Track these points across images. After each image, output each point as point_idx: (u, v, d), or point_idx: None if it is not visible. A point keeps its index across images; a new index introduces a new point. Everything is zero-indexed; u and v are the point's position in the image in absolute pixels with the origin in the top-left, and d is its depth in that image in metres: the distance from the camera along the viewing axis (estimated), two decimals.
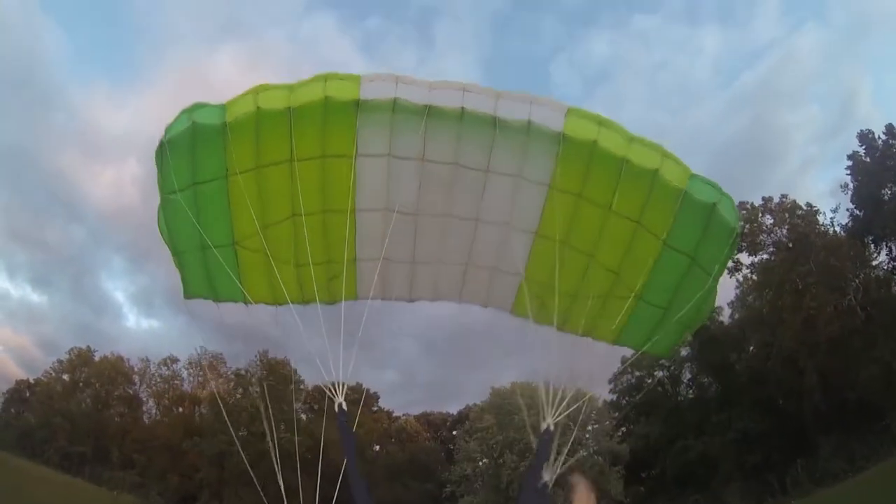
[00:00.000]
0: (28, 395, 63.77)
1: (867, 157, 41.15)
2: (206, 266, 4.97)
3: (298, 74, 4.99)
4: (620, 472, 48.87)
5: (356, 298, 5.41)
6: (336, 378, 4.23)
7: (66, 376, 63.68)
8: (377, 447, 69.61)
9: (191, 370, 65.28)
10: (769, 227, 43.42)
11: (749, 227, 42.07)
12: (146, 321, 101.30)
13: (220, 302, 5.41)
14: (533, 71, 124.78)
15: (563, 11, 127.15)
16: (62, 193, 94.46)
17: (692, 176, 4.51)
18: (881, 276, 39.40)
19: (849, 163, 42.02)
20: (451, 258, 5.28)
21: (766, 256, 43.43)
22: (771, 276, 41.41)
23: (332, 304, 5.39)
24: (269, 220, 4.89)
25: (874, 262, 40.42)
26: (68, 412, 58.00)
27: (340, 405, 3.24)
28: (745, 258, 43.89)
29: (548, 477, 3.61)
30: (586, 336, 5.20)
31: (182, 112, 4.57)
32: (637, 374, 51.80)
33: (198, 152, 4.60)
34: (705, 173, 4.95)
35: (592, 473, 48.20)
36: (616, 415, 47.35)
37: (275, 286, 5.18)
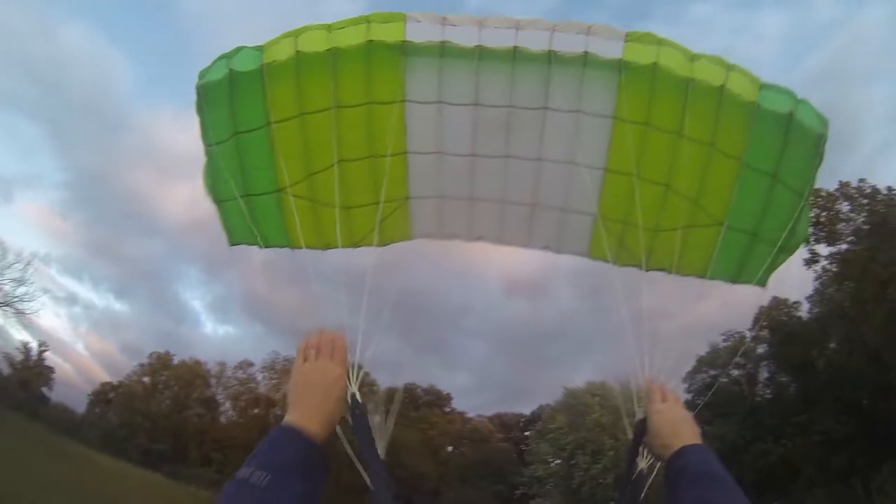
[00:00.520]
0: (111, 396, 67.50)
1: None
2: (251, 213, 4.83)
3: None
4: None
5: (410, 238, 5.23)
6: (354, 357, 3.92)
7: (146, 379, 67.25)
8: (450, 448, 70.23)
9: (265, 373, 67.89)
10: (847, 215, 40.93)
11: (826, 216, 39.91)
12: (222, 328, 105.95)
13: (267, 247, 5.34)
14: None
15: (617, 7, 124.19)
16: (139, 210, 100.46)
17: (763, 86, 4.15)
18: None
19: None
20: (515, 197, 5.03)
21: (845, 246, 41.00)
22: (851, 267, 39.10)
23: (384, 246, 5.27)
24: (315, 167, 4.76)
25: None
26: (148, 412, 61.25)
27: (353, 396, 2.80)
28: (822, 249, 41.63)
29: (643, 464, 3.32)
30: (673, 272, 4.89)
31: (219, 57, 4.42)
32: (712, 372, 50.10)
33: (237, 100, 4.46)
34: None
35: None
36: (692, 414, 45.83)
37: (322, 231, 5.06)
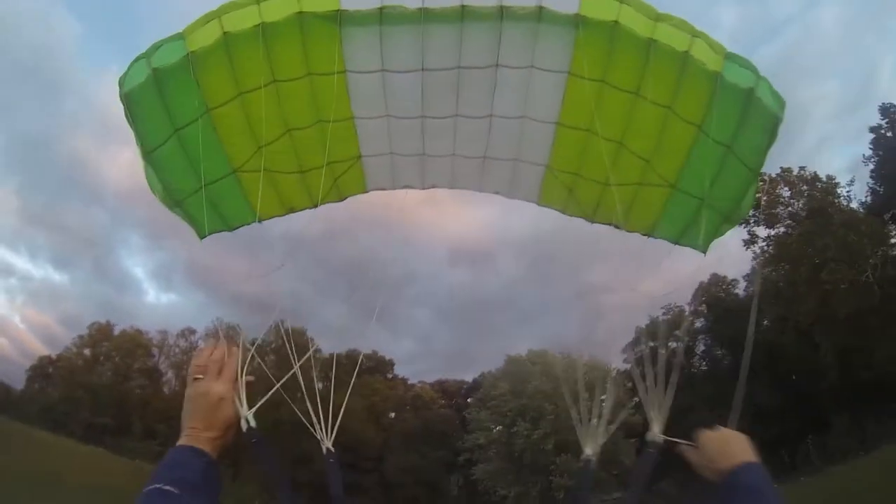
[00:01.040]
0: (51, 370, 65.32)
1: (889, 132, 40.23)
2: (210, 202, 4.77)
3: None
4: (635, 444, 49.23)
5: (365, 191, 5.23)
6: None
7: (87, 351, 65.22)
8: (392, 414, 70.64)
9: (208, 341, 66.21)
10: (787, 200, 42.65)
11: (766, 200, 41.47)
12: (165, 295, 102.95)
13: (234, 229, 5.26)
14: None
15: None
16: (79, 176, 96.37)
17: (728, 55, 4.11)
18: None
19: (871, 135, 41.12)
20: (466, 152, 5.01)
21: (782, 230, 42.85)
22: (787, 250, 40.92)
23: (342, 200, 5.20)
24: (264, 140, 4.67)
25: (893, 239, 39.55)
26: (90, 385, 59.52)
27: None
28: (761, 231, 43.38)
29: (591, 451, 3.39)
30: (619, 227, 4.97)
31: (136, 59, 4.18)
32: (651, 344, 51.62)
33: (168, 97, 4.26)
34: None
35: (606, 443, 48.57)
36: (629, 385, 47.36)
37: (283, 197, 5.09)
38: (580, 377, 3.44)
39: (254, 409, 2.23)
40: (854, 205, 41.60)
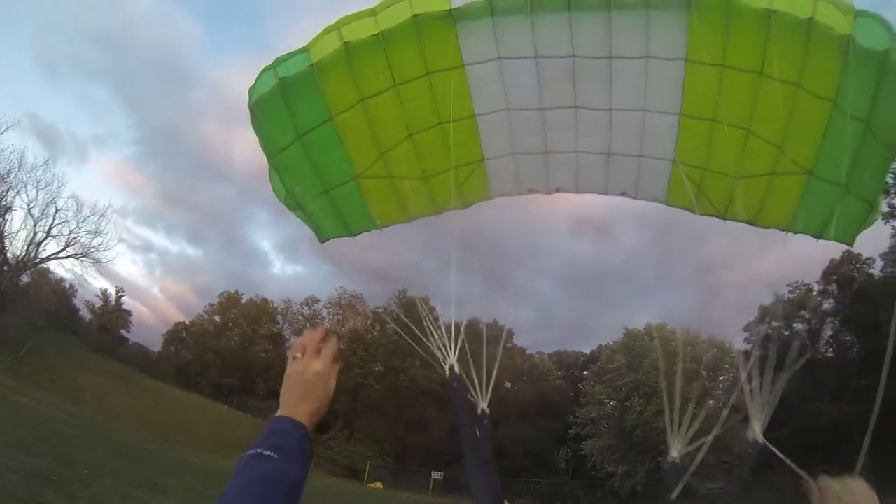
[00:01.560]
0: (184, 335, 72.01)
1: None
2: (333, 207, 4.94)
3: None
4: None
5: (489, 198, 5.20)
6: (449, 327, 4.00)
7: (217, 318, 71.18)
8: (508, 384, 70.13)
9: (330, 309, 70.12)
10: None
11: None
12: (291, 267, 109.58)
13: (355, 236, 5.47)
14: None
15: None
16: (209, 159, 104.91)
17: (858, 14, 3.64)
18: None
19: None
20: (588, 147, 4.89)
21: None
22: None
23: (465, 208, 5.33)
24: (387, 145, 4.78)
25: None
26: (219, 349, 65.20)
27: (451, 368, 2.88)
28: None
29: (676, 454, 3.31)
30: (754, 223, 4.69)
31: (264, 70, 4.46)
32: (774, 324, 48.32)
33: (293, 105, 4.49)
34: None
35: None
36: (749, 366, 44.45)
37: (405, 204, 5.09)
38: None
39: (454, 358, 2.46)
40: None
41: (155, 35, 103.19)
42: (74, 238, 46.59)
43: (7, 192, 43.60)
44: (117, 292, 66.93)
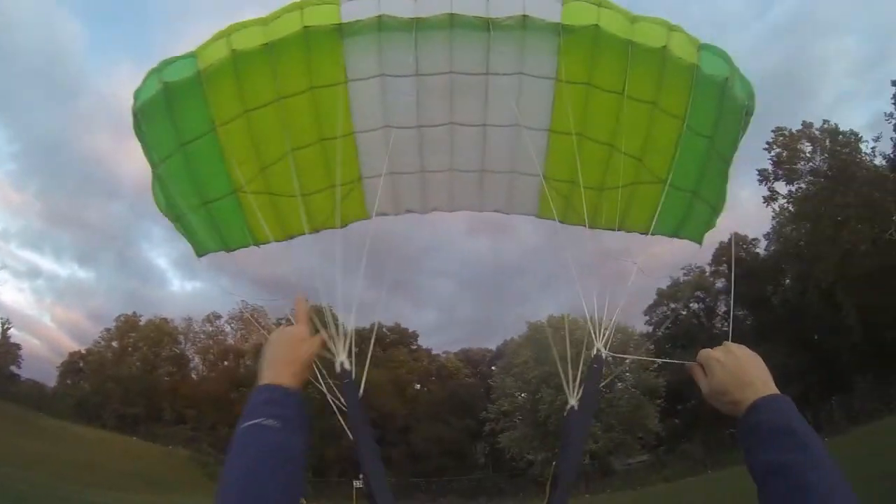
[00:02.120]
0: (81, 364, 66.82)
1: None
2: (210, 220, 4.85)
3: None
4: (658, 406, 49.38)
5: (367, 217, 5.20)
6: (336, 324, 3.85)
7: (115, 343, 66.62)
8: (418, 386, 71.09)
9: (233, 324, 68.01)
10: (808, 155, 41.74)
11: (786, 155, 40.68)
12: (189, 283, 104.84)
13: (231, 251, 5.31)
14: None
15: None
16: (98, 174, 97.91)
17: (701, 47, 4.28)
18: None
19: (893, 89, 39.79)
20: (463, 166, 5.11)
21: (803, 186, 42.05)
22: (808, 207, 40.25)
23: (344, 227, 5.29)
24: (267, 160, 4.73)
25: None
26: (119, 377, 60.91)
27: (342, 365, 2.65)
28: (781, 187, 42.66)
29: (574, 402, 3.35)
30: (619, 229, 5.06)
31: (149, 73, 4.31)
32: (672, 305, 51.52)
33: (177, 112, 4.37)
34: None
35: (629, 407, 48.82)
36: (651, 347, 47.34)
37: (283, 222, 5.08)
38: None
39: (346, 353, 2.54)
40: (878, 161, 40.50)
41: (34, 39, 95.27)
42: None
43: None
44: (3, 324, 60.95)
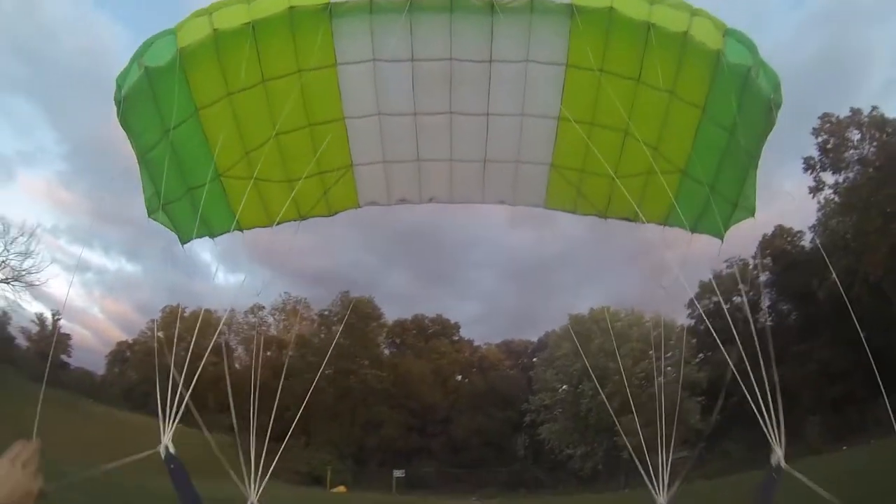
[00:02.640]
0: (128, 354, 69.34)
1: None
2: (195, 207, 4.68)
3: None
4: (700, 402, 48.36)
5: (358, 206, 5.01)
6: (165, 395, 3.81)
7: (160, 333, 68.22)
8: (459, 377, 71.31)
9: (276, 315, 68.86)
10: (856, 144, 39.95)
11: (833, 143, 39.12)
12: (233, 276, 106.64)
13: (215, 237, 5.26)
14: None
15: None
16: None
17: (727, 32, 3.95)
18: None
19: None
20: (464, 156, 4.83)
21: (851, 175, 40.38)
22: (856, 198, 38.62)
23: (331, 216, 5.15)
24: (252, 144, 4.56)
25: None
26: (165, 366, 62.41)
27: (166, 448, 2.55)
28: (828, 177, 40.99)
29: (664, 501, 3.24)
30: (633, 220, 4.86)
31: (131, 59, 4.14)
32: (714, 299, 50.14)
33: (160, 97, 4.19)
34: None
35: (669, 402, 47.84)
36: (694, 341, 46.19)
37: (269, 208, 4.91)
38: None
39: (169, 436, 2.29)
40: None
41: (77, 43, 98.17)
42: (3, 261, 44.04)
43: None
44: (53, 315, 63.35)
